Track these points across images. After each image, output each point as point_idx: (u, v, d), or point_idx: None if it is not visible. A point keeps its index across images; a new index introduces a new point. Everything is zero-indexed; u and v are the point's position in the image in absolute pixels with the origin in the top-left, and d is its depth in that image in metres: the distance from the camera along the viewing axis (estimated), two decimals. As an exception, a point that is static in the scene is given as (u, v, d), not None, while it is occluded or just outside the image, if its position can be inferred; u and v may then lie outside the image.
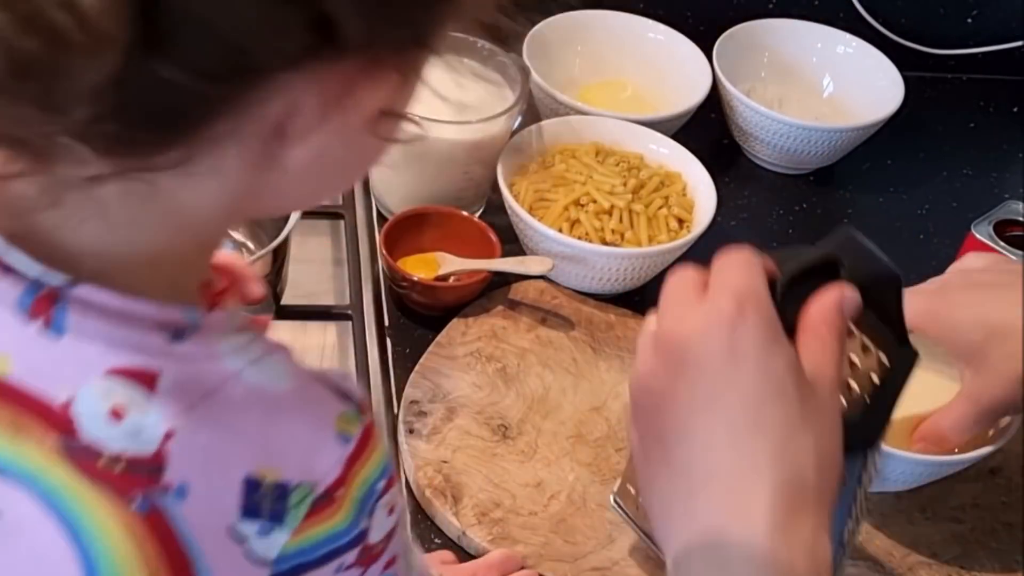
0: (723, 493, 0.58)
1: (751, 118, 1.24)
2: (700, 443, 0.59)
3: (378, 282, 1.10)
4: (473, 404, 0.99)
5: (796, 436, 0.58)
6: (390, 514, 0.53)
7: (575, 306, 1.09)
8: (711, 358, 0.59)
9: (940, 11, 1.43)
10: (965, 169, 1.36)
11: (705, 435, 0.58)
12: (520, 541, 0.90)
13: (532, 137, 1.15)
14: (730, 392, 0.58)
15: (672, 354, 0.60)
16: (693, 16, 1.37)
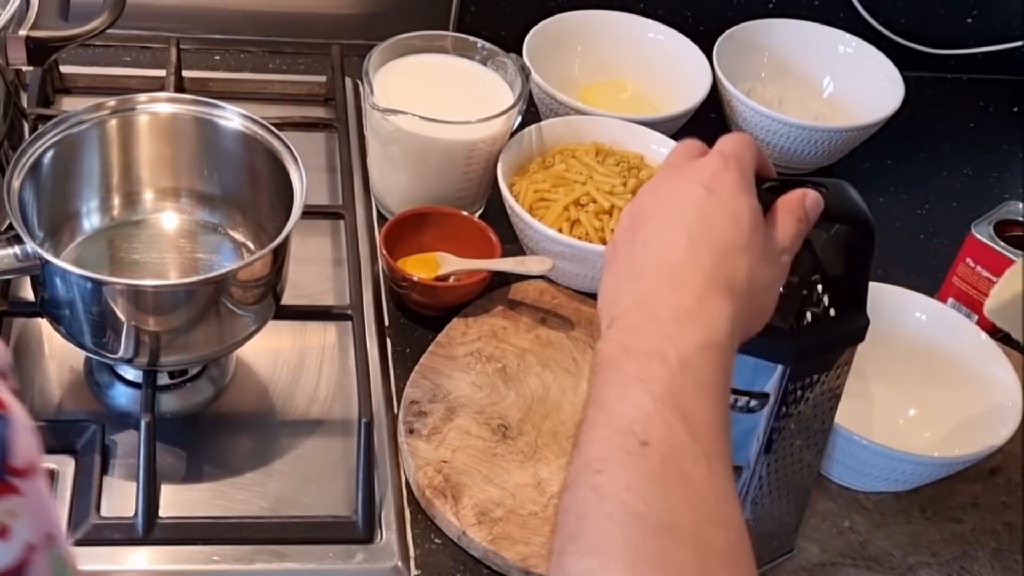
0: (665, 278, 0.67)
1: (751, 118, 1.24)
2: (659, 246, 0.69)
3: (378, 282, 1.10)
4: (473, 404, 0.99)
5: (736, 255, 0.67)
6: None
7: (575, 306, 1.09)
8: (690, 190, 0.70)
9: (940, 11, 1.44)
10: (965, 169, 1.36)
11: (665, 241, 0.69)
12: (520, 541, 0.90)
13: (532, 137, 1.15)
14: (696, 213, 0.69)
15: (660, 187, 0.72)
16: (693, 16, 1.37)
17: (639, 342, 0.64)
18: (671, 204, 0.70)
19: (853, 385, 0.83)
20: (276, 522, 0.90)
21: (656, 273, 0.68)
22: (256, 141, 0.97)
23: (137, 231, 1.02)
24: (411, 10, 1.33)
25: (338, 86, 1.24)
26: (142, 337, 0.89)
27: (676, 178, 0.72)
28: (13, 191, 0.89)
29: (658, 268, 0.68)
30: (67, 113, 0.96)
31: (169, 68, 1.20)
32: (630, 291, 0.68)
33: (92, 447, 0.92)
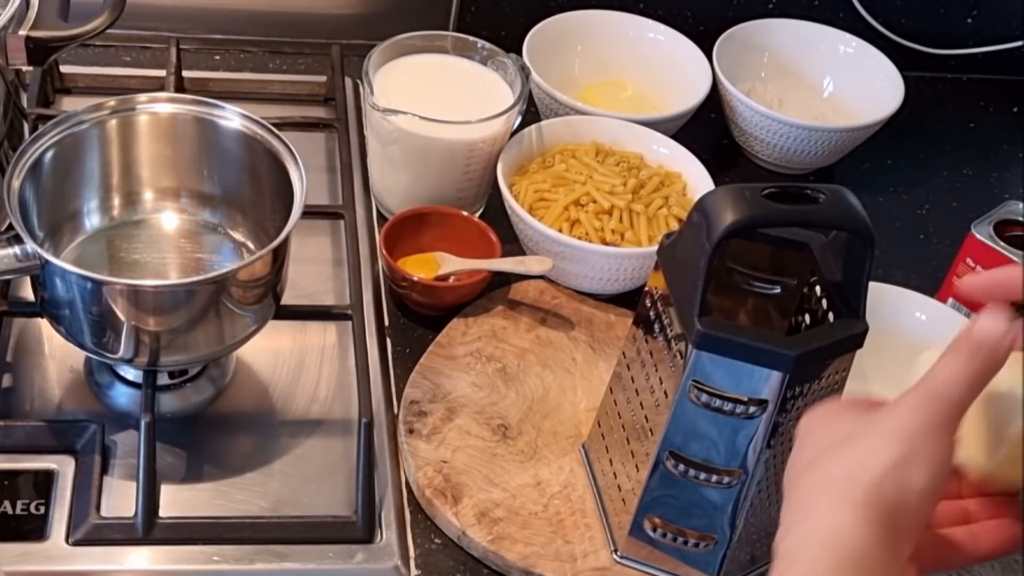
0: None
1: (751, 118, 1.24)
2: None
3: (378, 282, 1.10)
4: (473, 404, 0.99)
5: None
6: None
7: (575, 306, 1.09)
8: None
9: (940, 11, 1.44)
10: (965, 169, 1.36)
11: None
12: (520, 541, 0.90)
13: (532, 137, 1.15)
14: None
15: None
16: (693, 16, 1.37)
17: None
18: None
19: (852, 386, 0.83)
20: (276, 522, 0.90)
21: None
22: (256, 141, 0.97)
23: (137, 231, 1.02)
24: (411, 10, 1.33)
25: (338, 86, 1.24)
26: (142, 337, 0.89)
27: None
28: (13, 191, 0.89)
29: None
30: (67, 113, 0.96)
31: (169, 68, 1.20)
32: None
33: (92, 447, 0.92)
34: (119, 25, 1.02)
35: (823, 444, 0.66)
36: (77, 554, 0.86)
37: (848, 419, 0.66)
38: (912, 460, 0.62)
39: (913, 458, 0.62)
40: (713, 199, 0.78)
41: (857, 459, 0.63)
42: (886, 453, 0.62)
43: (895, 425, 0.63)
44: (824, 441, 0.66)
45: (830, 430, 0.66)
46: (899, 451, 0.62)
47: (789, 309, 0.87)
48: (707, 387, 0.79)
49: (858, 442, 0.64)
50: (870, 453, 0.63)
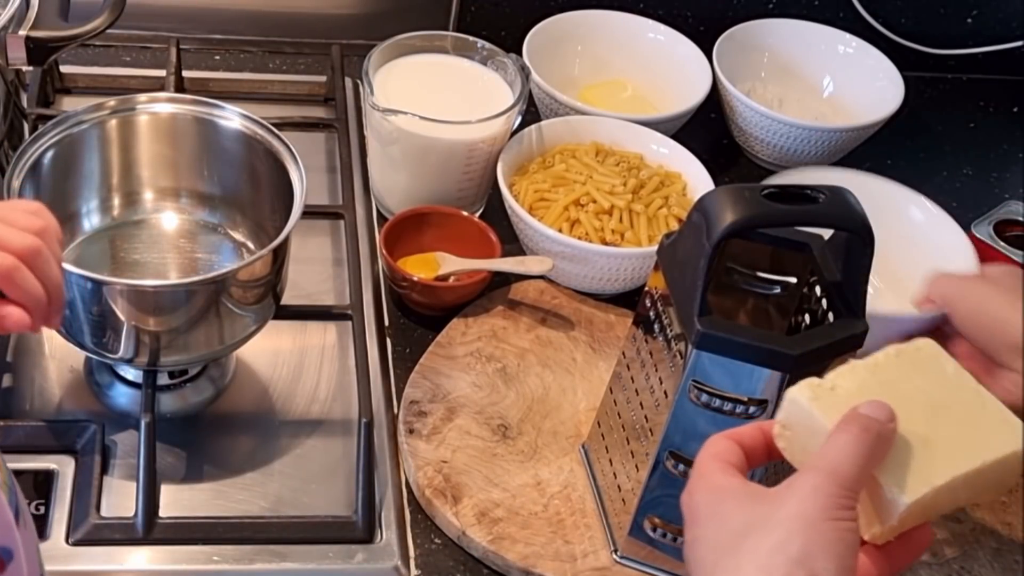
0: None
1: (751, 118, 1.24)
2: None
3: (378, 282, 1.10)
4: (473, 404, 0.99)
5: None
6: None
7: (575, 306, 1.09)
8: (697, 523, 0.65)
9: (940, 11, 1.44)
10: (965, 169, 1.36)
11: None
12: (520, 541, 0.90)
13: (532, 137, 1.15)
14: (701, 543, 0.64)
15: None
16: (693, 16, 1.37)
17: None
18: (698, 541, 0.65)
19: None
20: (276, 522, 0.90)
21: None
22: (256, 141, 0.97)
23: (137, 231, 1.02)
24: (411, 10, 1.33)
25: (338, 86, 1.24)
26: (142, 337, 0.89)
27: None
28: (13, 191, 0.89)
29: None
30: (67, 113, 0.96)
31: (169, 68, 1.20)
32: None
33: (92, 447, 0.92)
34: (119, 25, 1.02)
35: (723, 538, 0.63)
36: (77, 554, 0.86)
37: (739, 505, 0.63)
38: (816, 548, 0.59)
39: (816, 546, 0.59)
40: (713, 199, 0.78)
41: (764, 555, 0.60)
42: (789, 546, 0.59)
43: (793, 512, 0.60)
44: (722, 535, 0.63)
45: (723, 521, 0.64)
46: (802, 542, 0.59)
47: (789, 309, 0.87)
48: (707, 387, 0.79)
49: (768, 526, 0.61)
50: (774, 548, 0.60)
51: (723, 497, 0.64)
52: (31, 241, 0.72)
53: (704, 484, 0.66)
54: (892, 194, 1.13)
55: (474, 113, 1.09)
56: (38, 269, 0.72)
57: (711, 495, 0.65)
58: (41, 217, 0.74)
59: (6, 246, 0.71)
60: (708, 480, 0.66)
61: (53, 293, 0.74)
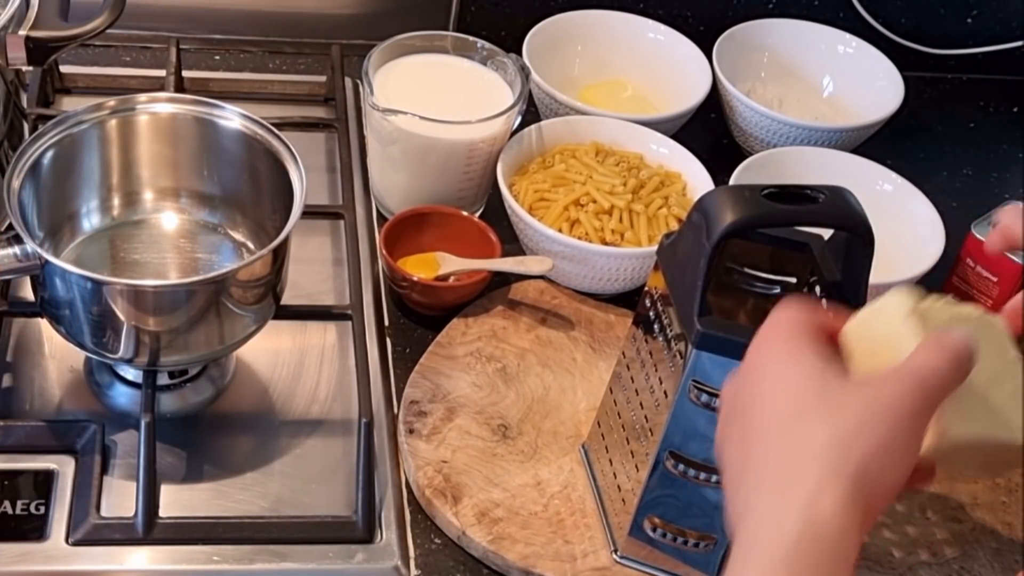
0: (771, 489, 0.60)
1: (751, 118, 1.24)
2: (759, 447, 0.62)
3: (378, 282, 1.10)
4: (473, 404, 0.99)
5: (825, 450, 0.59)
6: None
7: (575, 306, 1.09)
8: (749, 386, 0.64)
9: (940, 11, 1.44)
10: (965, 169, 1.36)
11: (759, 459, 0.61)
12: (520, 541, 0.90)
13: (532, 137, 1.15)
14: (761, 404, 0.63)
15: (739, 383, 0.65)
16: (693, 16, 1.37)
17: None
18: (755, 410, 0.63)
19: None
20: (276, 522, 0.90)
21: (759, 498, 0.61)
22: (256, 141, 0.97)
23: (137, 231, 1.02)
24: (411, 10, 1.33)
25: (338, 86, 1.24)
26: (142, 337, 0.89)
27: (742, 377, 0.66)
28: (13, 191, 0.89)
29: (760, 492, 0.61)
30: (67, 113, 0.96)
31: (169, 68, 1.20)
32: (744, 516, 0.61)
33: (92, 447, 0.92)
34: (119, 25, 1.02)
35: (787, 402, 0.61)
36: (77, 554, 0.86)
37: (809, 377, 0.61)
38: (896, 446, 0.59)
39: (897, 445, 0.59)
40: (713, 199, 0.78)
41: (845, 430, 0.58)
42: (875, 432, 0.58)
43: (884, 405, 0.59)
44: (787, 399, 0.61)
45: (790, 387, 0.61)
46: (887, 434, 0.58)
47: None
48: (707, 387, 0.79)
49: (843, 412, 0.59)
50: (859, 428, 0.58)
51: (800, 360, 0.62)
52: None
53: (782, 340, 0.63)
54: (861, 168, 1.18)
55: (474, 113, 1.09)
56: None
57: (788, 355, 0.62)
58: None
59: None
60: (788, 338, 0.63)
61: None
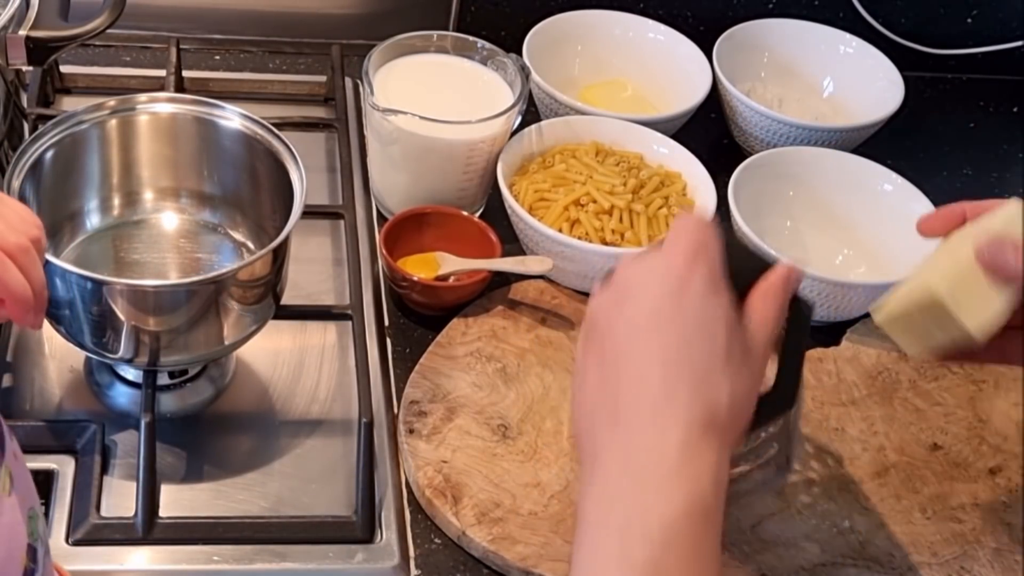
0: (646, 419, 0.64)
1: (751, 118, 1.24)
2: (634, 369, 0.65)
3: (378, 282, 1.10)
4: (473, 404, 0.99)
5: (715, 377, 0.65)
6: None
7: (575, 306, 1.09)
8: (657, 295, 0.66)
9: (940, 11, 1.44)
10: (965, 169, 1.36)
11: (639, 363, 0.65)
12: (520, 541, 0.90)
13: (532, 137, 1.15)
14: (668, 327, 0.65)
15: (623, 288, 0.68)
16: (693, 16, 1.37)
17: (622, 508, 0.63)
18: (639, 322, 0.66)
19: (791, 236, 0.83)
20: (276, 522, 0.90)
21: (634, 415, 0.65)
22: (256, 141, 0.97)
23: (137, 231, 1.02)
24: (411, 10, 1.33)
25: (338, 86, 1.24)
26: (142, 337, 0.89)
27: (636, 280, 0.68)
28: (13, 191, 0.89)
29: (636, 408, 0.65)
30: (67, 113, 0.96)
31: (169, 68, 1.20)
32: (609, 438, 0.65)
33: (92, 447, 0.92)
34: (119, 25, 1.02)
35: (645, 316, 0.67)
36: (77, 554, 0.86)
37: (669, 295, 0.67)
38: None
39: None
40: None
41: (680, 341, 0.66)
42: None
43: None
44: (647, 312, 0.67)
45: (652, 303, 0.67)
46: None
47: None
48: None
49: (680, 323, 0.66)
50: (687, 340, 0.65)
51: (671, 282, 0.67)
52: (23, 240, 0.75)
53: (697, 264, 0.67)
54: (861, 168, 1.18)
55: (474, 113, 1.09)
56: (24, 267, 0.75)
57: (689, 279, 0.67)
58: (37, 227, 0.77)
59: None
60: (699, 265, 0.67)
61: (38, 293, 0.77)
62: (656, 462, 0.63)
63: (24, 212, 0.78)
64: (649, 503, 0.62)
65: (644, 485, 0.63)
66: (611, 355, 0.67)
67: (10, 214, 0.76)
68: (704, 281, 0.66)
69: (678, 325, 0.65)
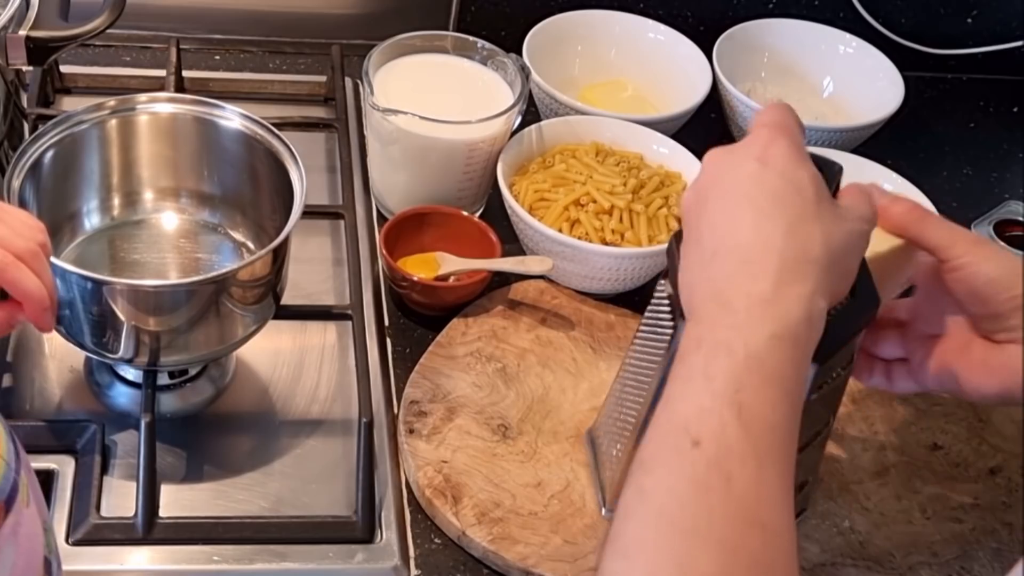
0: (738, 261, 0.66)
1: (751, 118, 1.24)
2: (726, 225, 0.68)
3: (378, 282, 1.10)
4: (473, 404, 0.99)
5: (807, 224, 0.67)
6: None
7: (575, 306, 1.09)
8: (745, 165, 0.69)
9: (940, 11, 1.44)
10: (965, 169, 1.36)
11: (732, 219, 0.68)
12: (520, 541, 0.90)
13: (532, 137, 1.15)
14: (757, 188, 0.68)
15: (716, 165, 0.71)
16: (693, 16, 1.37)
17: (712, 333, 0.64)
18: (729, 182, 0.69)
19: None
20: (276, 522, 0.90)
21: (727, 256, 0.66)
22: (256, 141, 0.97)
23: (137, 231, 1.02)
24: (411, 10, 1.33)
25: (338, 86, 1.24)
26: (142, 337, 0.89)
27: (729, 155, 0.71)
28: (13, 191, 0.89)
29: (729, 250, 0.67)
30: (67, 113, 0.96)
31: (169, 68, 1.20)
32: (704, 279, 0.67)
33: (92, 447, 0.92)
34: (119, 25, 1.02)
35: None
36: (77, 554, 0.86)
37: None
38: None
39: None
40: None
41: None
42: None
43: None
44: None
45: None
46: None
47: None
48: None
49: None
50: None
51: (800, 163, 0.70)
52: (32, 245, 0.77)
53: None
54: (861, 168, 1.17)
55: (474, 113, 1.09)
56: (36, 270, 0.77)
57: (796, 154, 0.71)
58: (42, 232, 0.79)
59: (7, 245, 0.75)
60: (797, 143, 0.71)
61: (50, 295, 0.79)
62: (748, 294, 0.64)
63: (27, 218, 0.79)
64: (738, 324, 0.63)
65: (734, 313, 0.64)
66: (706, 215, 0.69)
67: (14, 221, 0.78)
68: (787, 150, 0.69)
69: (765, 183, 0.68)
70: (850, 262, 0.70)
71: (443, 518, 0.91)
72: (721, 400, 0.61)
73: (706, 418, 0.61)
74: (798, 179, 0.68)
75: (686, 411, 0.62)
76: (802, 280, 0.65)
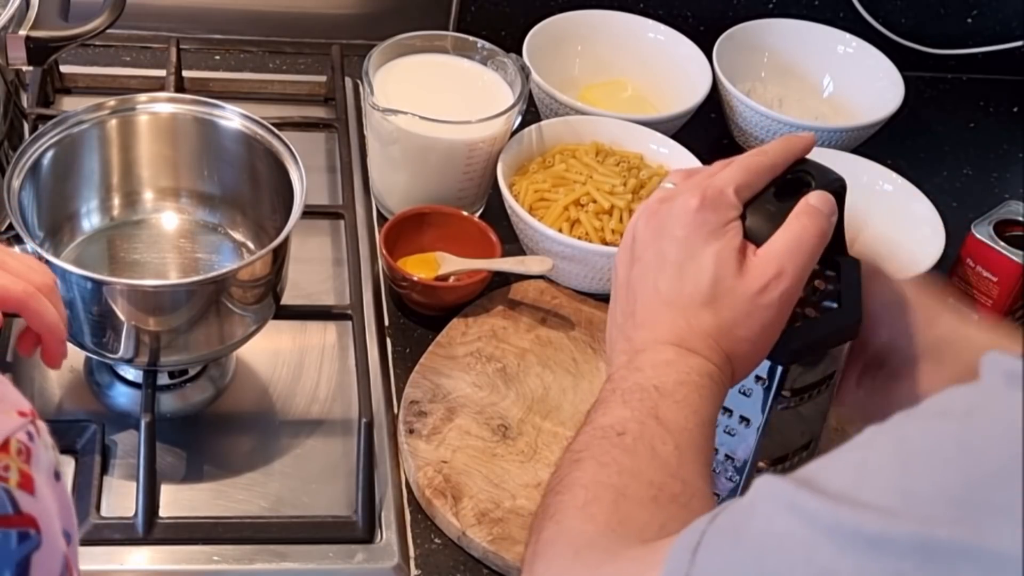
0: (649, 334, 0.74)
1: (751, 118, 1.24)
2: (643, 299, 0.74)
3: (378, 282, 1.10)
4: (473, 404, 0.99)
5: (700, 311, 0.73)
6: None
7: (575, 306, 1.09)
8: (666, 241, 0.74)
9: (940, 11, 1.43)
10: (965, 169, 1.36)
11: (646, 294, 0.74)
12: (520, 541, 0.90)
13: (532, 137, 1.15)
14: (670, 267, 0.73)
15: (649, 226, 0.75)
16: (693, 16, 1.37)
17: (626, 384, 0.72)
18: (652, 251, 0.74)
19: None
20: (276, 522, 0.90)
21: (643, 328, 0.74)
22: (256, 141, 0.97)
23: (137, 231, 1.02)
24: (411, 10, 1.33)
25: (338, 86, 1.24)
26: (142, 337, 0.89)
27: (662, 220, 0.75)
28: (13, 191, 0.89)
29: (644, 324, 0.74)
30: (67, 113, 0.96)
31: (169, 68, 1.20)
32: (624, 347, 0.75)
33: (92, 447, 0.92)
34: (119, 25, 1.02)
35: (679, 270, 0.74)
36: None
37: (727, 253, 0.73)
38: (745, 321, 0.73)
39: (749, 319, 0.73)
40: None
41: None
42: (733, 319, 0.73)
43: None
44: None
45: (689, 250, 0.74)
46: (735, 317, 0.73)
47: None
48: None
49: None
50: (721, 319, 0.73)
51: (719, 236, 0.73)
52: (48, 279, 0.79)
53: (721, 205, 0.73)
54: (861, 168, 1.18)
55: (474, 113, 1.09)
56: (53, 304, 0.78)
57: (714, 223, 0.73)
58: (49, 273, 0.80)
59: (25, 280, 0.77)
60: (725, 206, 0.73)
61: (65, 328, 0.80)
62: (654, 363, 0.72)
63: (32, 261, 0.81)
64: (647, 376, 0.71)
65: (643, 373, 0.72)
66: (633, 274, 0.76)
67: (18, 265, 0.79)
68: (701, 227, 0.73)
69: (675, 263, 0.73)
70: (749, 342, 0.73)
71: (443, 518, 0.91)
72: (640, 411, 0.69)
73: (628, 421, 0.69)
74: (698, 265, 0.73)
75: (608, 421, 0.70)
76: (699, 355, 0.72)
